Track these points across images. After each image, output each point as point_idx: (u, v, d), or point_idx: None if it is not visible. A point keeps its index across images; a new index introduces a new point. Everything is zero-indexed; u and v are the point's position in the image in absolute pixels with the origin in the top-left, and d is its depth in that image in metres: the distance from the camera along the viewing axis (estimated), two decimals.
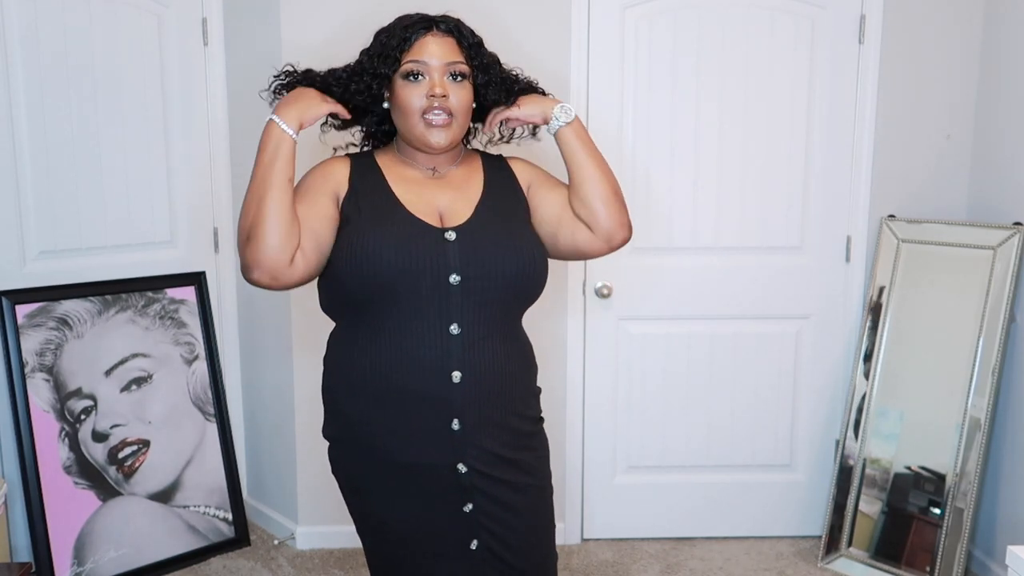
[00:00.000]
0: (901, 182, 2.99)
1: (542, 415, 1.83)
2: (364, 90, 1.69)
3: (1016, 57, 2.79)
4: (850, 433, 2.98)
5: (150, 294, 3.00)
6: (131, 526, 2.87)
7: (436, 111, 1.65)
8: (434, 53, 1.66)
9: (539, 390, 1.84)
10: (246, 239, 1.58)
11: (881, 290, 2.97)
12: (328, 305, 1.75)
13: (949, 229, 2.90)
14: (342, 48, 2.86)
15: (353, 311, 1.69)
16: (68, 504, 2.76)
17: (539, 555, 1.76)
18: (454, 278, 1.61)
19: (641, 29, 2.90)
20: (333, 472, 1.78)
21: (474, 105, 1.75)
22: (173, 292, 3.05)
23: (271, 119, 1.61)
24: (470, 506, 1.68)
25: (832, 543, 3.00)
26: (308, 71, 1.75)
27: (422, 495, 1.67)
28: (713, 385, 3.10)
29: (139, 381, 2.94)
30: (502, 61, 1.80)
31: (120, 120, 2.93)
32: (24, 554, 2.77)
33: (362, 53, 1.73)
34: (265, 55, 2.93)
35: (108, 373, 2.88)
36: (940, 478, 2.80)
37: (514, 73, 1.80)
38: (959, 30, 2.93)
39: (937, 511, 2.80)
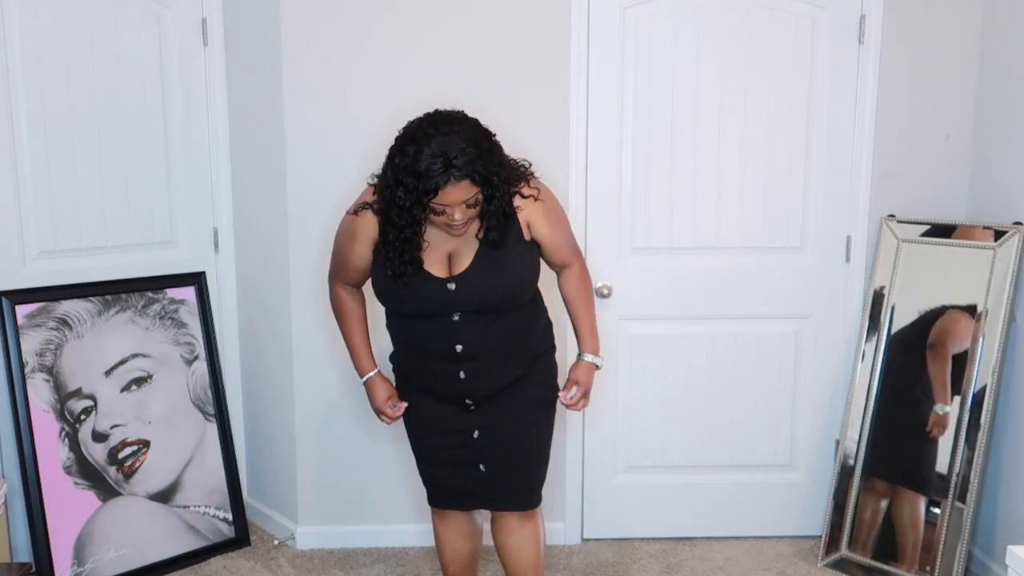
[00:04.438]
0: (901, 182, 2.98)
1: (550, 346, 2.39)
2: (408, 227, 2.11)
3: (1016, 57, 2.79)
4: (850, 433, 2.98)
5: (150, 294, 3.00)
6: (131, 526, 2.87)
7: (456, 227, 2.11)
8: (453, 199, 2.05)
9: (544, 331, 2.37)
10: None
11: (881, 290, 2.97)
12: None
13: (948, 229, 2.90)
14: (341, 48, 2.88)
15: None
16: (68, 504, 2.76)
17: (528, 434, 2.35)
18: (456, 315, 2.19)
19: (641, 29, 2.90)
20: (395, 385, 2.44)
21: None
22: (173, 292, 3.05)
23: (363, 383, 2.41)
24: (472, 406, 2.30)
25: (832, 543, 3.00)
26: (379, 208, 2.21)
27: (440, 406, 2.33)
28: (713, 385, 3.10)
29: (139, 381, 2.94)
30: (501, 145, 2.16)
31: (120, 120, 2.93)
32: (24, 554, 2.77)
33: (391, 184, 2.08)
34: (265, 55, 2.94)
35: (108, 373, 2.88)
36: (940, 478, 2.80)
37: (513, 163, 2.21)
38: (959, 30, 2.93)
39: (937, 511, 2.80)
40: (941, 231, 2.90)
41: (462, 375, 2.24)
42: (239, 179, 3.15)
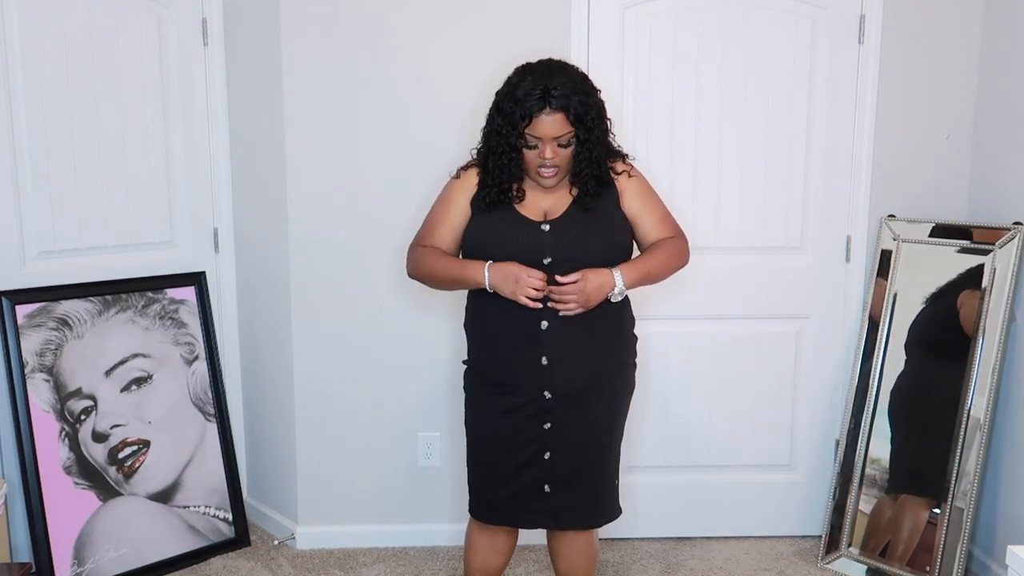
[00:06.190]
0: (901, 182, 2.99)
1: (633, 361, 2.36)
2: (504, 154, 2.17)
3: (1016, 57, 2.79)
4: (850, 433, 2.98)
5: (150, 294, 3.00)
6: (131, 526, 2.87)
7: (547, 168, 2.17)
8: (547, 131, 2.12)
9: (631, 339, 2.35)
10: (419, 279, 2.32)
11: (881, 290, 2.97)
12: None
13: (949, 229, 2.90)
14: (341, 49, 2.88)
15: None
16: (68, 504, 2.76)
17: (598, 460, 2.29)
18: (547, 260, 2.16)
19: (641, 29, 2.90)
20: (464, 388, 2.37)
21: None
22: (173, 292, 3.05)
23: (486, 275, 2.17)
24: (548, 424, 2.22)
25: (832, 543, 3.00)
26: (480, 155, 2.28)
27: (514, 413, 2.23)
28: (713, 385, 3.10)
29: (139, 381, 2.94)
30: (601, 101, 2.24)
31: (120, 120, 2.93)
32: (24, 554, 2.77)
33: (493, 114, 2.20)
34: (265, 55, 2.94)
35: (108, 373, 2.88)
36: (941, 478, 2.80)
37: (608, 126, 2.26)
38: (959, 30, 2.93)
39: (937, 511, 2.80)
40: (941, 231, 2.91)
41: (544, 361, 2.18)
42: (239, 179, 3.15)
